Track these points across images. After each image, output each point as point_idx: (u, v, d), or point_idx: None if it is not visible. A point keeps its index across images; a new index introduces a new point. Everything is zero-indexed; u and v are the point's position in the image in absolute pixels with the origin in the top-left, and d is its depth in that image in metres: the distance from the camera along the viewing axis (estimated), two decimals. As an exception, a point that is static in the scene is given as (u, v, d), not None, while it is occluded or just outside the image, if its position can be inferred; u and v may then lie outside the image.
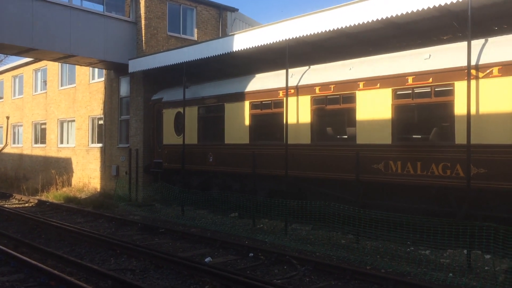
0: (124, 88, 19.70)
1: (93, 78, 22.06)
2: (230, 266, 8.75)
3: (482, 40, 9.47)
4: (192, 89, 15.76)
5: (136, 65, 17.34)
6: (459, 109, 9.30)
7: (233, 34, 13.70)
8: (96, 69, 21.50)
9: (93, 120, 22.02)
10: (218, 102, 14.90)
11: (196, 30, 20.20)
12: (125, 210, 16.23)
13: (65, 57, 17.75)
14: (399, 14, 9.63)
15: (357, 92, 11.06)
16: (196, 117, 15.65)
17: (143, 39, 18.26)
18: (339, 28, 10.75)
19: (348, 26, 10.56)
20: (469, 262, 8.30)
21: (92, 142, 21.94)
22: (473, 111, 8.97)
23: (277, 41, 12.07)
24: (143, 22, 18.27)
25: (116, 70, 19.57)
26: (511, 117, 8.65)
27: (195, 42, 18.02)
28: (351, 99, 11.26)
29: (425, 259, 8.76)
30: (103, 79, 20.92)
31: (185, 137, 15.29)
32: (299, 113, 12.34)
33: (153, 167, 17.63)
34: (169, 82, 17.67)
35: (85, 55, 17.35)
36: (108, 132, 20.35)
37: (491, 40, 9.42)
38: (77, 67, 22.26)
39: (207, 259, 9.21)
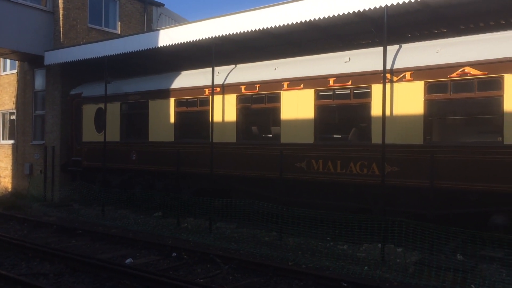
0: (40, 81, 18.52)
1: (4, 70, 20.51)
2: (152, 267, 8.54)
3: (396, 46, 10.07)
4: (114, 84, 15.17)
5: (53, 57, 16.35)
6: (375, 110, 9.81)
7: (159, 29, 13.39)
8: (8, 60, 19.97)
9: (4, 115, 20.46)
10: (142, 99, 14.48)
11: (119, 23, 19.45)
12: (39, 211, 15.25)
13: (-28, 46, 16.32)
14: (321, 18, 9.95)
15: (281, 92, 11.27)
16: (118, 114, 15.09)
17: (61, 30, 17.24)
18: (264, 28, 10.89)
19: (273, 26, 10.73)
20: (383, 256, 8.79)
21: (3, 139, 20.40)
22: (387, 112, 9.51)
23: (204, 38, 11.96)
24: (61, 12, 17.24)
25: (30, 62, 18.33)
26: (421, 119, 9.30)
27: (118, 36, 17.41)
28: (276, 98, 11.46)
29: (343, 254, 9.13)
30: (15, 71, 19.50)
31: (107, 134, 14.70)
32: (225, 111, 12.34)
33: (71, 166, 16.75)
34: (89, 77, 16.87)
35: (-5, 45, 16.08)
36: (21, 128, 19.01)
37: (405, 46, 10.05)
38: (-14, 57, 20.54)
39: (128, 261, 8.91)
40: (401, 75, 9.56)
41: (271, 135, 12.03)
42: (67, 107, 17.11)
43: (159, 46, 12.91)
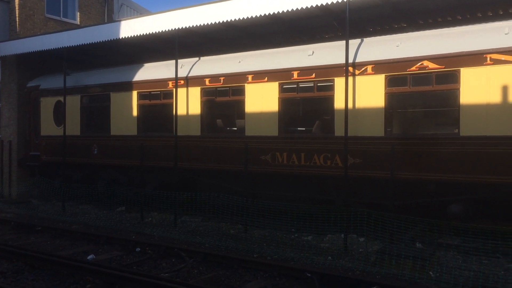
0: (-6, 73, 17.74)
1: (-45, 61, 19.48)
2: (115, 263, 8.39)
3: (358, 40, 10.24)
4: (74, 76, 14.73)
5: (9, 48, 15.70)
6: (338, 103, 9.96)
7: (120, 20, 13.06)
8: (-40, 51, 19.00)
9: (-44, 108, 19.49)
10: (103, 91, 14.13)
11: (78, 13, 18.86)
12: (-5, 208, 14.69)
13: None
14: (285, 11, 9.96)
15: (246, 85, 11.26)
16: (78, 107, 14.68)
17: (17, 20, 16.56)
18: (228, 20, 10.80)
19: (236, 19, 10.66)
20: (346, 245, 8.98)
21: (-45, 133, 19.43)
22: (350, 105, 9.68)
23: (167, 30, 11.76)
24: (16, 1, 16.53)
25: (-16, 53, 17.51)
26: (382, 112, 9.51)
27: (78, 27, 16.87)
28: (240, 91, 11.44)
29: (307, 245, 9.27)
30: (-32, 62, 18.58)
31: (66, 128, 14.28)
32: (189, 104, 12.22)
33: (30, 161, 16.20)
34: (48, 68, 16.32)
35: None
36: (-25, 122, 18.19)
37: (366, 40, 10.22)
38: None
39: (90, 257, 8.72)
40: (363, 69, 9.73)
41: (236, 128, 12.02)
42: (24, 100, 16.51)
43: (120, 37, 12.60)
